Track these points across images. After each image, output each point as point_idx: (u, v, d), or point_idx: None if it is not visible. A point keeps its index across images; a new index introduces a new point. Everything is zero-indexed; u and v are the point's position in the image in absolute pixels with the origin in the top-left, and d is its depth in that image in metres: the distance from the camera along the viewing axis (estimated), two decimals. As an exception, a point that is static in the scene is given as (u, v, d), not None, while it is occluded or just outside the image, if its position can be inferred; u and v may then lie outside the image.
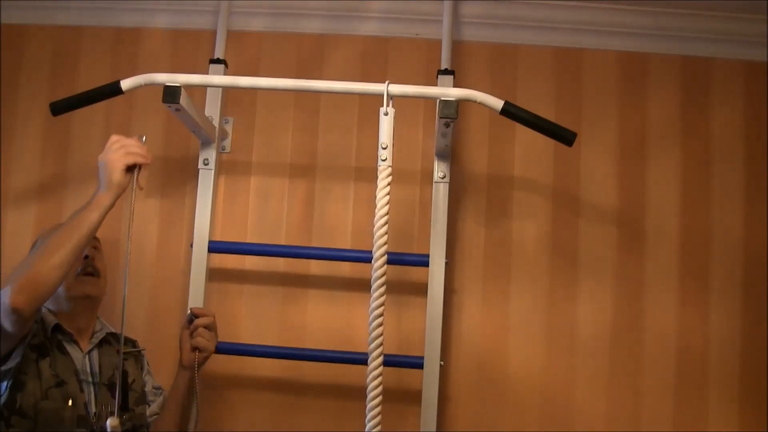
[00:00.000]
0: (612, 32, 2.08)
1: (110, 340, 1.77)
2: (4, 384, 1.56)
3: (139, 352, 1.82)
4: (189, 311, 1.81)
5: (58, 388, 1.60)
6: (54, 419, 1.58)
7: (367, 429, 1.50)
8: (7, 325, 1.49)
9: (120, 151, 1.54)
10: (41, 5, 2.15)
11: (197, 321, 1.76)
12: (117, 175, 1.53)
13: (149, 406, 1.78)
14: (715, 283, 2.00)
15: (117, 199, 1.55)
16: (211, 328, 1.77)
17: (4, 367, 1.55)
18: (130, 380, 1.75)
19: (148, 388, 1.80)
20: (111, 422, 1.52)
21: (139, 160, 1.56)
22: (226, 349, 1.94)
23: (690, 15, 2.05)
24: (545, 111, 1.81)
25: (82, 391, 1.64)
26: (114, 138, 1.57)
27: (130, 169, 1.55)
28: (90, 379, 1.68)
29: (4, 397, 1.56)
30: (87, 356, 1.70)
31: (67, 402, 1.61)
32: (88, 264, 1.72)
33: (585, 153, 2.05)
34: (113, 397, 1.69)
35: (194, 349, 1.75)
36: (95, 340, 1.74)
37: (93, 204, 1.53)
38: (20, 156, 2.12)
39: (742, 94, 2.06)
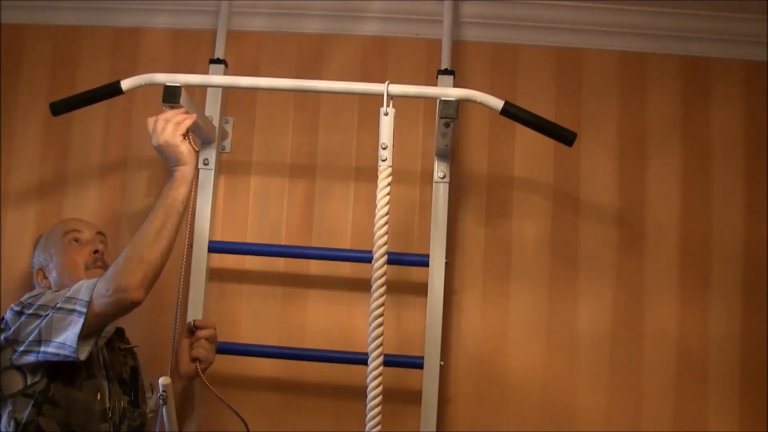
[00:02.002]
0: (612, 32, 2.08)
1: (113, 336, 1.78)
2: (41, 370, 1.58)
3: (133, 348, 1.83)
4: (191, 322, 1.81)
5: (89, 381, 1.63)
6: (84, 411, 1.60)
7: (367, 429, 1.50)
8: (114, 312, 1.56)
9: (169, 127, 1.62)
10: (41, 5, 2.15)
11: (200, 333, 1.76)
12: (183, 147, 1.63)
13: (147, 403, 1.79)
14: (715, 283, 2.00)
15: (196, 167, 1.67)
16: (211, 340, 1.78)
17: (82, 349, 1.54)
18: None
19: (146, 385, 1.81)
20: (162, 380, 1.60)
21: (188, 124, 1.65)
22: (226, 349, 1.94)
23: (690, 15, 2.05)
24: (545, 111, 1.81)
25: (102, 385, 1.67)
26: (152, 120, 1.65)
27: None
28: (104, 374, 1.70)
29: (42, 384, 1.57)
30: (100, 351, 1.72)
31: (96, 395, 1.63)
32: (99, 258, 1.75)
33: (585, 153, 2.05)
34: (125, 393, 1.72)
35: (194, 359, 1.75)
36: (106, 335, 1.74)
37: (178, 181, 1.62)
38: (20, 156, 2.12)
39: (742, 94, 2.06)
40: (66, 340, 1.51)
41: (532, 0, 2.07)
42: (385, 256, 1.52)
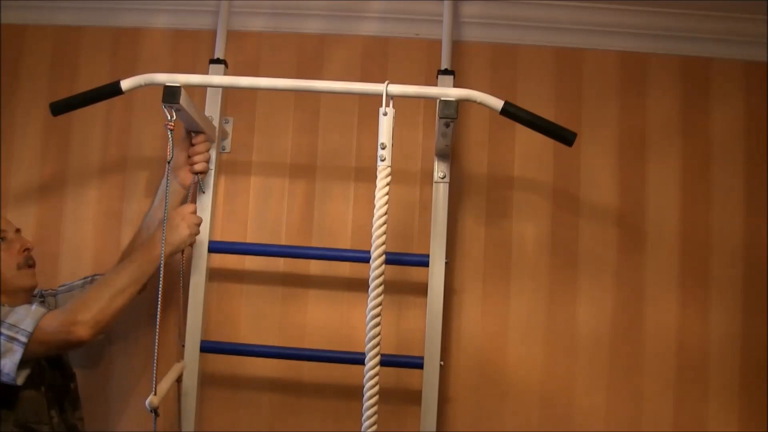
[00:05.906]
0: (612, 32, 2.08)
1: None
2: None
3: None
4: (189, 131, 1.87)
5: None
6: (33, 405, 1.64)
7: (363, 428, 1.49)
8: (57, 345, 1.58)
9: (190, 223, 1.78)
10: (41, 5, 2.16)
11: (197, 145, 1.87)
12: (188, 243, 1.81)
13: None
14: (715, 283, 2.00)
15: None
16: (207, 148, 1.90)
17: (20, 375, 1.56)
18: None
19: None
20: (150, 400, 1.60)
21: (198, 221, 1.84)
22: (226, 349, 1.94)
23: (690, 15, 2.05)
24: (545, 111, 1.81)
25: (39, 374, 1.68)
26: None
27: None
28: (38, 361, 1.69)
29: None
30: None
31: (40, 387, 1.67)
32: (29, 257, 1.74)
33: (585, 153, 2.05)
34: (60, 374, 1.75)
35: (195, 173, 1.87)
36: None
37: (157, 258, 1.66)
38: (20, 156, 2.12)
39: (742, 94, 2.06)
40: (4, 368, 1.53)
41: (532, 0, 2.07)
42: (383, 256, 1.52)
